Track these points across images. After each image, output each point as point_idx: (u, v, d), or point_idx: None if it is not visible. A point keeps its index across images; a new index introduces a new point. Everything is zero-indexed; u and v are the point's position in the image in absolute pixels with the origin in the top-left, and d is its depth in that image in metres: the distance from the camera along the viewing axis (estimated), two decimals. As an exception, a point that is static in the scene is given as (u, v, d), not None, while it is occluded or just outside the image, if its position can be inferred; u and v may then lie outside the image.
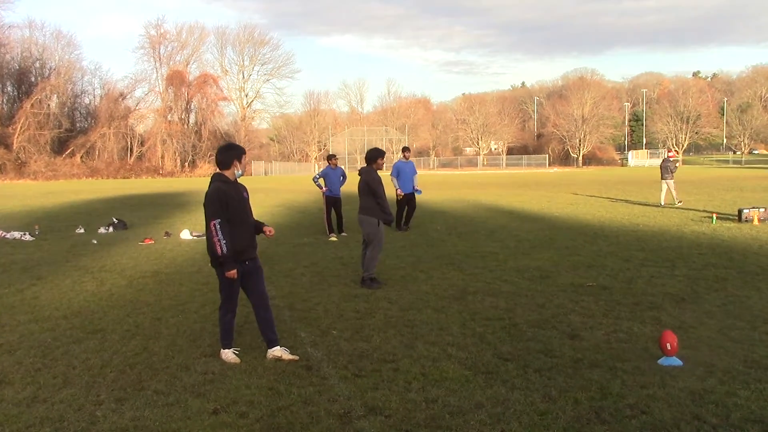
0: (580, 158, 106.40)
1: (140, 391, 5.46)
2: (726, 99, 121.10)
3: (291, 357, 6.25)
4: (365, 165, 9.94)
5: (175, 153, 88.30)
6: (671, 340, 5.77)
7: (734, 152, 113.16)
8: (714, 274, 10.04)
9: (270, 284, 9.95)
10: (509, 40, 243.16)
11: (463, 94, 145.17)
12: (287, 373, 5.82)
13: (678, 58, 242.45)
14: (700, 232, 15.17)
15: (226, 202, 6.10)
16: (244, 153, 6.45)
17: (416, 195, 17.25)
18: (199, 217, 22.38)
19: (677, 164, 24.25)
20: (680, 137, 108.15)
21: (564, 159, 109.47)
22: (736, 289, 8.94)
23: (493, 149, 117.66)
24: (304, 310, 8.29)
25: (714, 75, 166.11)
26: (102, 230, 18.00)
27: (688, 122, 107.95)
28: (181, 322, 7.78)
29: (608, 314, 7.72)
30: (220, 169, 6.32)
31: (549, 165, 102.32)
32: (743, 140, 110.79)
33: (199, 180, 69.71)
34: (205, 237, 15.92)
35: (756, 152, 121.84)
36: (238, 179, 6.40)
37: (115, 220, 19.05)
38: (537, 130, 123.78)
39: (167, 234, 16.83)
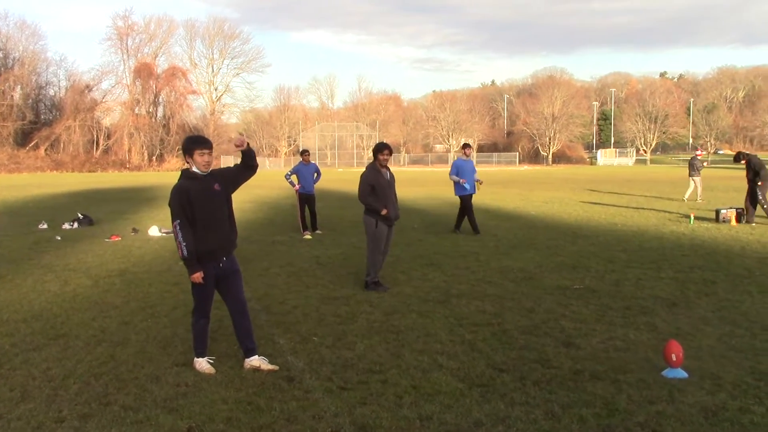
0: (550, 156, 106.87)
1: (106, 406, 4.99)
2: (692, 99, 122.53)
3: (270, 367, 5.81)
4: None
5: (142, 147, 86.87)
6: (677, 351, 5.45)
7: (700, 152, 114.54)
8: (701, 277, 9.80)
9: (244, 285, 9.47)
10: (480, 38, 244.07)
11: (434, 91, 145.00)
12: (267, 386, 5.38)
13: (645, 59, 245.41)
14: (680, 233, 14.99)
15: (189, 201, 5.64)
16: (199, 148, 5.72)
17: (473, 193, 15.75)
18: (168, 212, 21.75)
19: (705, 163, 25.15)
20: (648, 137, 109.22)
21: (534, 157, 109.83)
22: (727, 293, 8.69)
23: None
24: (282, 313, 7.85)
25: (680, 76, 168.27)
26: (66, 226, 17.33)
27: (655, 122, 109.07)
28: (150, 326, 7.29)
29: (601, 320, 7.40)
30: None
31: (519, 163, 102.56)
32: (709, 140, 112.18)
33: (167, 174, 68.62)
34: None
35: (721, 152, 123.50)
36: (208, 173, 5.79)
37: (80, 215, 18.38)
38: (507, 128, 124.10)
39: (135, 230, 16.23)
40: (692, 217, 17.37)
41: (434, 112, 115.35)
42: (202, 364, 5.82)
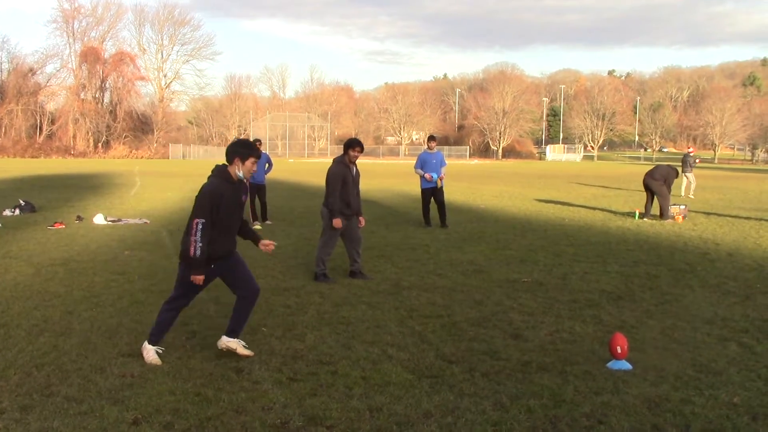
0: (500, 151, 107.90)
1: (49, 398, 4.87)
2: (639, 98, 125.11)
3: (246, 352, 5.78)
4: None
5: (88, 133, 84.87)
6: (621, 343, 5.56)
7: (645, 149, 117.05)
8: (645, 272, 10.02)
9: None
10: (433, 31, 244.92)
11: (387, 83, 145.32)
12: (215, 377, 5.32)
13: (595, 57, 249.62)
14: (625, 228, 15.30)
15: (218, 205, 5.54)
16: (254, 157, 5.71)
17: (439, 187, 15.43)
18: (114, 200, 21.35)
19: (697, 160, 26.73)
20: (596, 133, 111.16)
21: (484, 151, 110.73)
22: (670, 288, 8.90)
23: (414, 139, 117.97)
24: (231, 304, 7.67)
25: (628, 74, 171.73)
26: (7, 212, 16.84)
27: (603, 119, 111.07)
28: (95, 316, 7.13)
29: (548, 312, 7.52)
30: (227, 162, 5.72)
31: (470, 156, 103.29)
32: (655, 138, 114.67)
33: (113, 162, 67.31)
34: (122, 222, 15.12)
35: (665, 150, 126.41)
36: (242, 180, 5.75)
37: (21, 201, 17.86)
38: (458, 122, 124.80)
39: (79, 218, 15.86)
40: (637, 213, 17.74)
41: (386, 104, 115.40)
42: (150, 353, 5.71)
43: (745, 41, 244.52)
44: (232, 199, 5.64)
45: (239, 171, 5.68)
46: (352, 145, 9.16)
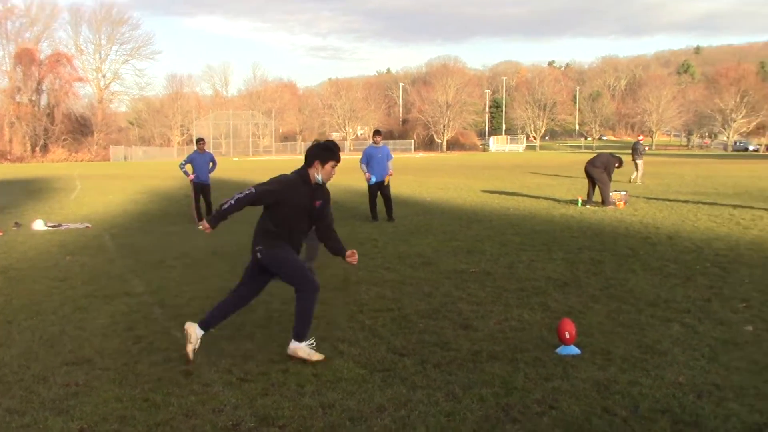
0: (445, 143, 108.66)
1: (-11, 411, 4.69)
2: (578, 87, 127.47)
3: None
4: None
5: (24, 137, 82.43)
6: (570, 329, 5.63)
7: (586, 138, 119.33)
8: (590, 257, 10.19)
9: (136, 278, 9.16)
10: (376, 26, 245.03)
11: (330, 79, 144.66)
12: (164, 381, 5.20)
13: (535, 48, 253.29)
14: (569, 216, 15.54)
15: (283, 201, 5.51)
16: (334, 160, 5.70)
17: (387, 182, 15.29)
18: (53, 205, 20.77)
19: (647, 148, 27.86)
20: (538, 123, 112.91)
21: (429, 144, 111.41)
22: (614, 272, 9.06)
23: (359, 134, 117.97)
24: (178, 306, 7.61)
25: (567, 65, 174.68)
26: (-59, 221, 16.24)
27: (544, 109, 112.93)
28: (36, 325, 6.90)
29: (496, 301, 7.57)
30: (306, 164, 5.70)
31: (414, 150, 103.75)
32: (594, 127, 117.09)
33: (52, 166, 65.53)
34: (63, 228, 14.69)
35: (605, 138, 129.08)
36: (321, 184, 5.73)
37: (-44, 209, 17.25)
38: (402, 116, 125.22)
39: (17, 224, 15.37)
40: (580, 201, 18.03)
41: (330, 100, 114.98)
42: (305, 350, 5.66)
43: (680, 30, 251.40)
44: (302, 201, 5.59)
45: (318, 174, 5.66)
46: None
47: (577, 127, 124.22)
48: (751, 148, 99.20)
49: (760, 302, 7.34)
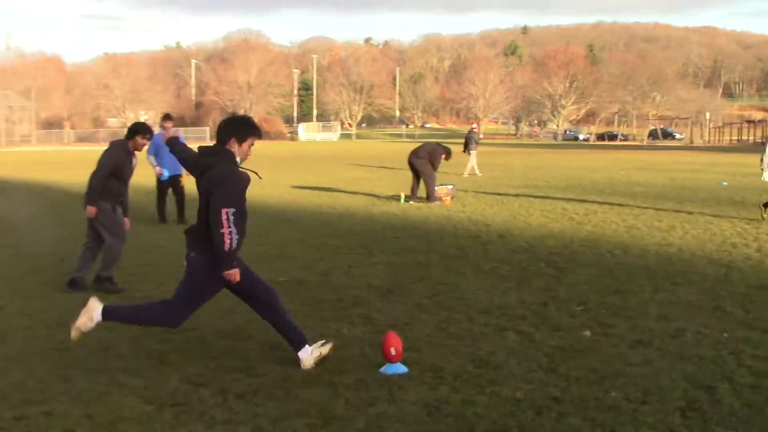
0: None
1: None
2: (399, 68, 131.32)
3: (329, 348, 5.94)
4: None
5: None
6: (395, 344, 5.68)
7: (407, 125, 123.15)
8: (415, 260, 10.43)
9: None
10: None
11: (106, 53, 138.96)
12: None
13: (349, 23, 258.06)
14: (391, 213, 15.88)
15: (241, 193, 5.65)
16: (256, 136, 5.87)
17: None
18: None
19: (481, 136, 29.01)
20: (354, 109, 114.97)
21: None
22: (442, 276, 9.33)
23: (143, 120, 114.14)
24: None
25: (386, 42, 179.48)
26: None
27: (361, 92, 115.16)
28: None
29: (311, 315, 7.53)
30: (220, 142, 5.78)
31: (210, 139, 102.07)
32: (417, 113, 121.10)
33: None
34: None
35: (428, 126, 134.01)
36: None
37: None
38: (196, 99, 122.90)
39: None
40: (402, 196, 18.49)
41: (106, 78, 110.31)
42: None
43: (506, 8, 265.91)
44: (246, 186, 5.73)
45: (236, 155, 5.76)
46: (142, 131, 8.90)
47: (398, 113, 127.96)
48: (581, 137, 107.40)
49: (597, 304, 7.84)
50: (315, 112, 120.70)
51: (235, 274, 5.57)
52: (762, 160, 13.65)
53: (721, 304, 7.77)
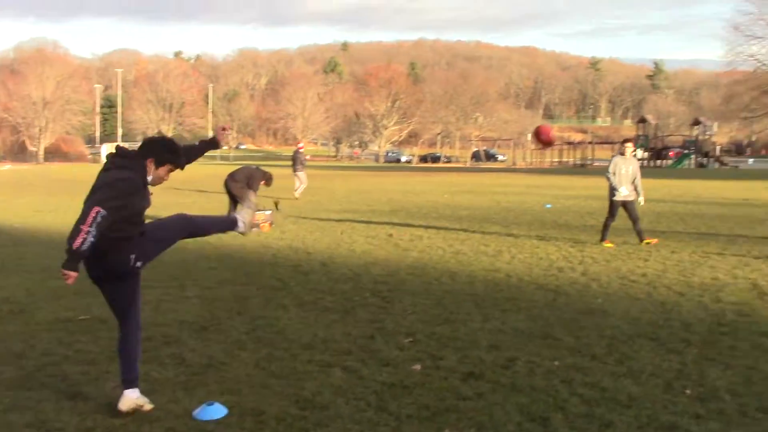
0: (42, 152, 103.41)
1: None
2: (212, 85, 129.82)
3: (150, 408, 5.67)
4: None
5: None
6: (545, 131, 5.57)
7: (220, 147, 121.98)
8: (232, 293, 10.22)
9: None
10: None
11: None
12: None
13: (158, 34, 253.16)
14: (204, 242, 15.44)
15: (128, 204, 5.51)
16: (177, 164, 5.90)
17: None
18: None
19: (307, 157, 29.03)
20: (163, 128, 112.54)
21: (20, 153, 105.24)
22: (261, 310, 9.17)
23: None
24: None
25: (198, 57, 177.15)
26: None
27: (171, 110, 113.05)
28: None
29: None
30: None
31: (1, 160, 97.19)
32: (231, 133, 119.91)
33: None
34: None
35: (243, 147, 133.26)
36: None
37: None
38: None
39: None
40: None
41: None
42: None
43: (325, 23, 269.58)
44: (141, 203, 5.71)
45: (149, 176, 5.72)
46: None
47: (211, 132, 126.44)
48: (403, 159, 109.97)
49: (426, 335, 7.90)
50: (120, 131, 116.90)
51: (71, 276, 5.38)
52: (608, 179, 14.30)
53: (550, 331, 8.04)
